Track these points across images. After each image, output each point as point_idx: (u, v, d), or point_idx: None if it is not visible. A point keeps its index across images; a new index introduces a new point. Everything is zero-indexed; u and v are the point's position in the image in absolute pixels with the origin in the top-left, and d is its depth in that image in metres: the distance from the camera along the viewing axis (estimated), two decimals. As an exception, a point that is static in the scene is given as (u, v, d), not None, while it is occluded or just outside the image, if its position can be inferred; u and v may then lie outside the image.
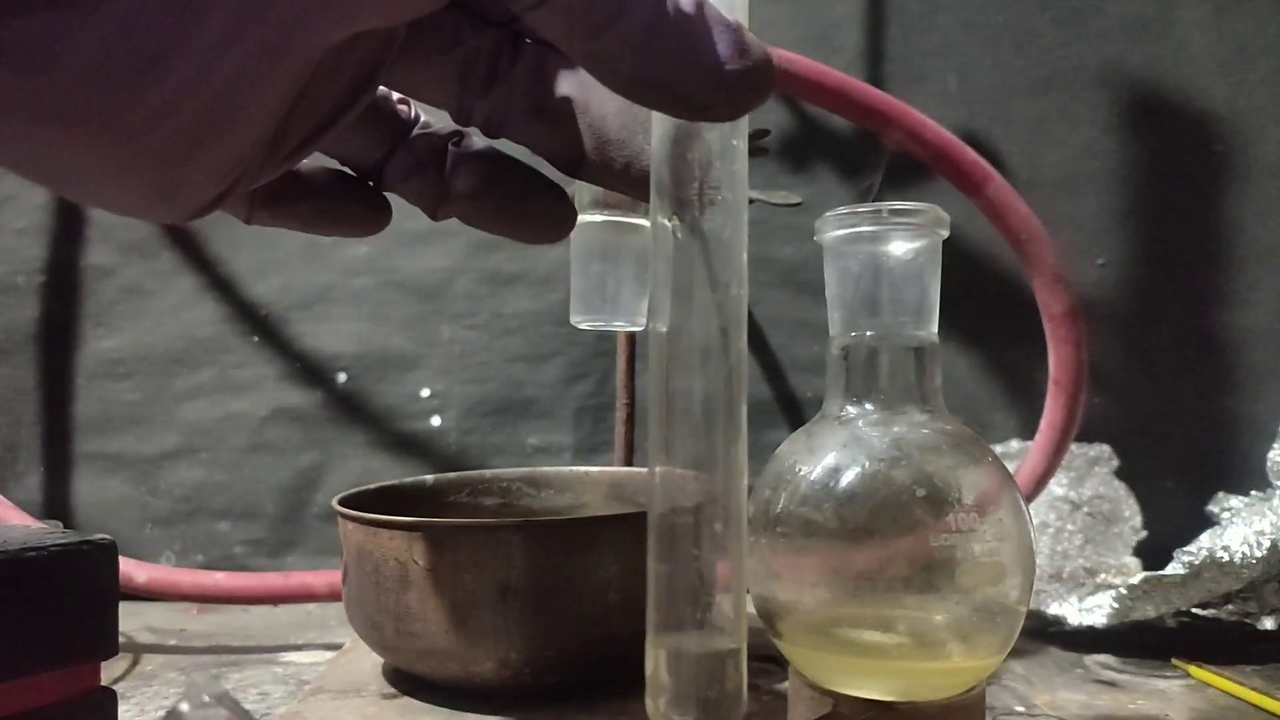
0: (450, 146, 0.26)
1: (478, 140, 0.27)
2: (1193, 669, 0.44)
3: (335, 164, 0.27)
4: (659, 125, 0.23)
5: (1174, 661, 0.45)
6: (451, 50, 0.24)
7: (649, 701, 0.23)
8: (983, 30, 0.64)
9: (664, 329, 0.23)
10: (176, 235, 0.67)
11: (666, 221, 0.23)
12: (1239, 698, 0.41)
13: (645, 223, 0.45)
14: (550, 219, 0.27)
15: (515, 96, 0.24)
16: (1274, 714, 0.39)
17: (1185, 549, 0.46)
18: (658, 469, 0.23)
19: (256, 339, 0.67)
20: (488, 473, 0.51)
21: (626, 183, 0.25)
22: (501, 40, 0.24)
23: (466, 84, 0.24)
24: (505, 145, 0.26)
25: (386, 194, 0.27)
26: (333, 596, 0.53)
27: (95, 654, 0.30)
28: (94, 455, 0.66)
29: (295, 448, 0.66)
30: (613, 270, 0.44)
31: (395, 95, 0.27)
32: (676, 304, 0.23)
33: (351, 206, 0.27)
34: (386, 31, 0.22)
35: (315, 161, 0.26)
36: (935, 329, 0.34)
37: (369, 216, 0.27)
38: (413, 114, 0.27)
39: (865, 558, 0.30)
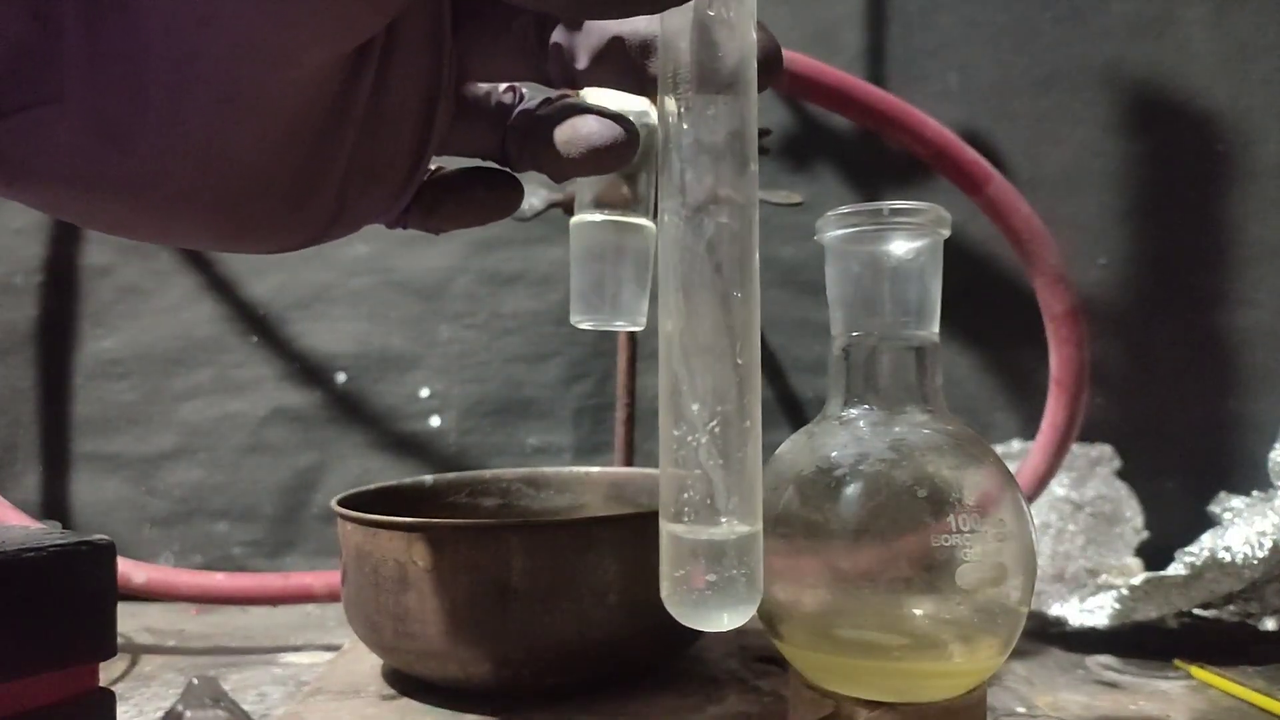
0: (537, 113, 0.28)
1: (572, 100, 0.28)
2: (1194, 670, 0.44)
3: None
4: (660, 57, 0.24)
5: (1176, 662, 0.45)
6: (502, 37, 0.26)
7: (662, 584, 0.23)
8: (984, 29, 0.64)
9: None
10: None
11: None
12: (1241, 699, 0.41)
13: (645, 222, 0.45)
14: (628, 153, 0.28)
15: (570, 52, 0.26)
16: (1275, 715, 0.39)
17: (1187, 549, 0.46)
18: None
19: (255, 339, 0.67)
20: (487, 473, 0.51)
21: (676, 85, 0.25)
22: (537, 15, 0.26)
23: (530, 56, 0.26)
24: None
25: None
26: (332, 597, 0.53)
27: (93, 655, 0.30)
28: (92, 455, 0.66)
29: (294, 448, 0.66)
30: (612, 270, 0.44)
31: (501, 85, 0.29)
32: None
33: (478, 192, 0.29)
34: (433, 48, 0.25)
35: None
36: (936, 329, 0.33)
37: (496, 198, 0.30)
38: (516, 96, 0.29)
39: (866, 558, 0.30)
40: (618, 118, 0.27)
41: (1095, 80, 0.64)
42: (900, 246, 0.33)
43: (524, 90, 0.29)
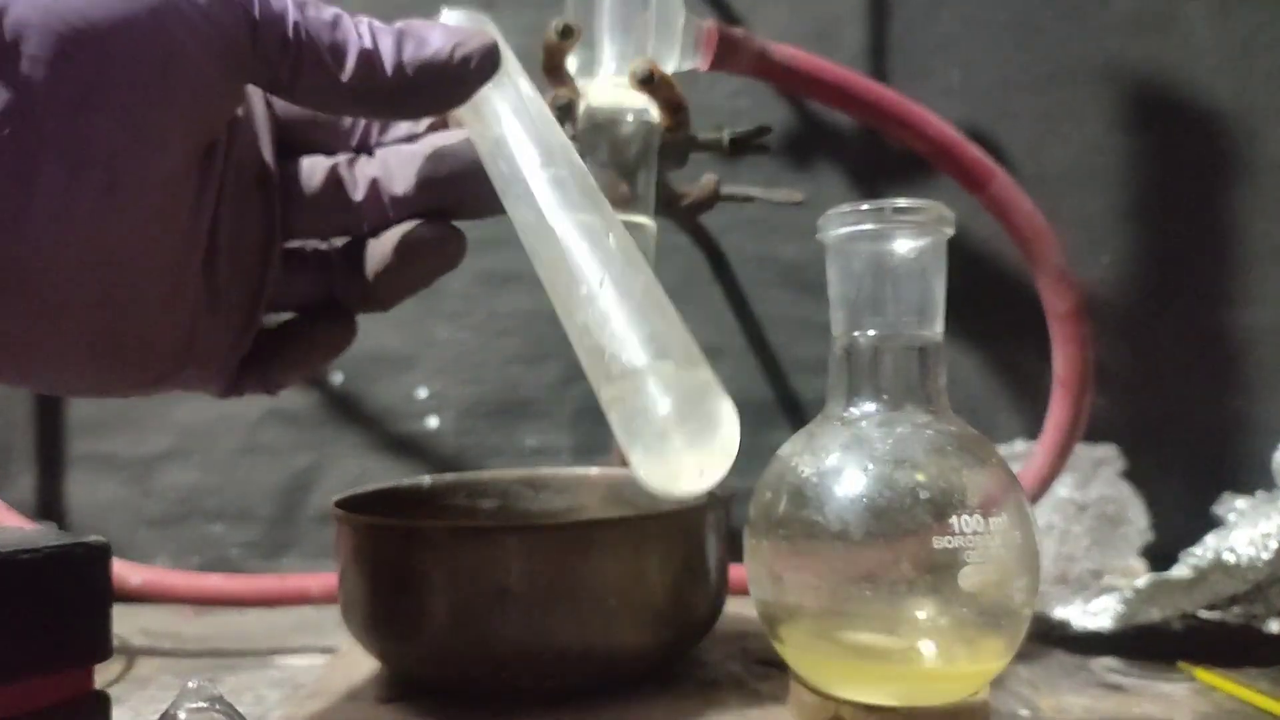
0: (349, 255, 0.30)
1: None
2: (1198, 672, 0.44)
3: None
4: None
5: (1180, 665, 0.45)
6: (315, 189, 0.28)
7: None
8: (986, 26, 0.64)
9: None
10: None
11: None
12: (1246, 701, 0.41)
13: (645, 220, 0.45)
14: (444, 251, 0.30)
15: (387, 183, 0.28)
16: (1278, 717, 0.39)
17: (1191, 551, 0.46)
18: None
19: (253, 339, 0.66)
20: (485, 474, 0.51)
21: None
22: (350, 159, 0.29)
23: (344, 198, 0.28)
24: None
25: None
26: (329, 599, 0.53)
27: (89, 657, 0.30)
28: (88, 456, 0.66)
29: (290, 449, 0.66)
30: (612, 269, 0.44)
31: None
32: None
33: (316, 331, 0.30)
34: (265, 194, 0.27)
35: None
36: (940, 328, 0.33)
37: (332, 333, 0.31)
38: (331, 246, 0.31)
39: (868, 561, 0.30)
40: (440, 220, 0.29)
41: (1098, 77, 0.63)
42: (903, 245, 0.32)
43: (337, 242, 0.31)
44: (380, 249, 0.29)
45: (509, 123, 0.26)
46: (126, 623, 0.55)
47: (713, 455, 0.20)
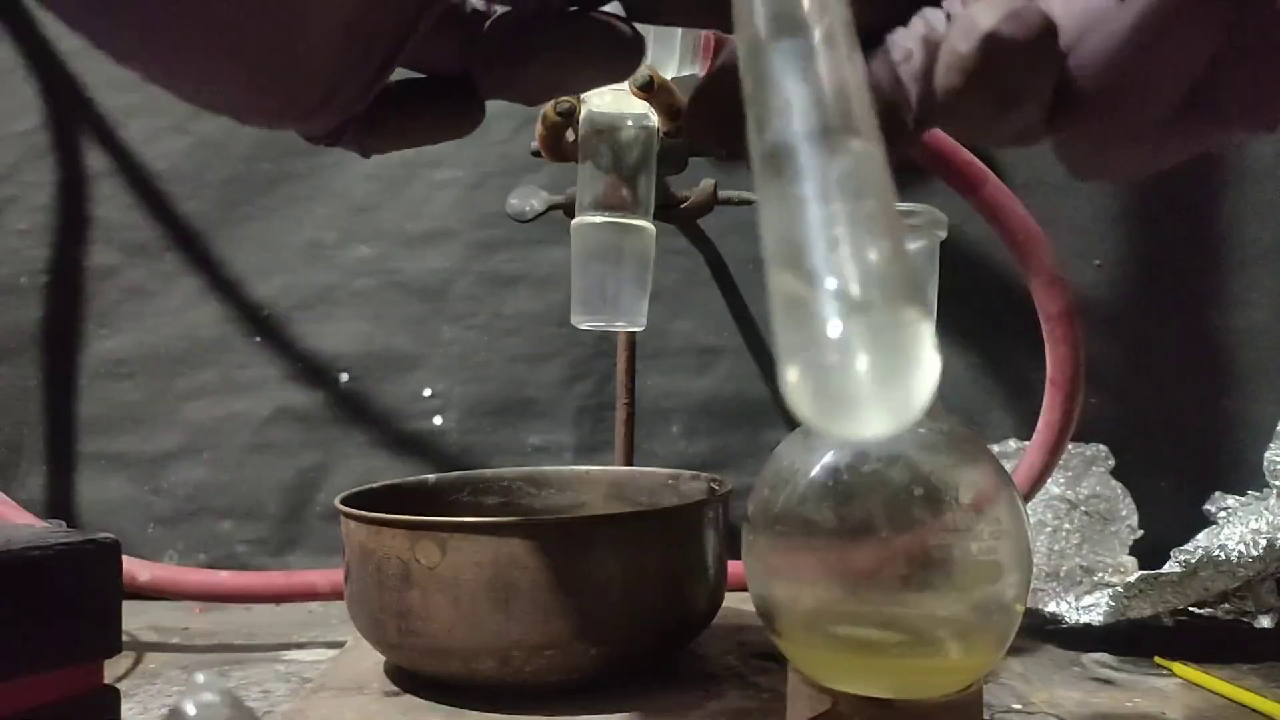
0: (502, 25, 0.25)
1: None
2: (1176, 666, 0.44)
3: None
4: None
5: (1156, 660, 0.45)
6: None
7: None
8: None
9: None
10: (180, 236, 0.67)
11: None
12: (1226, 696, 0.41)
13: (645, 224, 0.45)
14: (614, 46, 0.24)
15: None
16: (1247, 706, 0.39)
17: (1182, 548, 0.47)
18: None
19: (259, 339, 0.67)
20: (489, 472, 0.51)
21: None
22: None
23: None
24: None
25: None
26: (335, 595, 0.53)
27: (98, 652, 0.30)
28: (97, 455, 0.66)
29: (298, 447, 0.66)
30: (613, 271, 0.45)
31: None
32: None
33: (443, 104, 0.26)
34: None
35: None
36: (932, 329, 0.34)
37: (460, 114, 0.26)
38: (489, 6, 0.25)
39: (863, 556, 0.30)
40: (623, 20, 0.24)
41: (1092, 82, 0.64)
42: (896, 248, 0.33)
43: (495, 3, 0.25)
44: (550, 37, 0.24)
45: None
46: (135, 619, 0.56)
47: (901, 410, 0.15)
